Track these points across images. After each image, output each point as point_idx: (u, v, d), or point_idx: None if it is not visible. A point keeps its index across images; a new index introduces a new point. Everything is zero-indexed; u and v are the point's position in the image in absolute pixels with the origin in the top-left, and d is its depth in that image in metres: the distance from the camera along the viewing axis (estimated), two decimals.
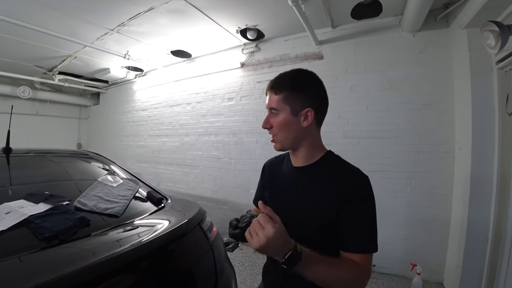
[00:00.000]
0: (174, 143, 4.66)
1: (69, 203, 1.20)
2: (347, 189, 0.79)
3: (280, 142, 0.88)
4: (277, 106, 0.84)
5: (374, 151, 2.92)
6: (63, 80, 5.05)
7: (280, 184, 0.97)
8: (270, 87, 0.87)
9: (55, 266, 0.82)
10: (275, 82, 0.87)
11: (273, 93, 0.86)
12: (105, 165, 1.89)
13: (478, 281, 2.25)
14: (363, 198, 0.78)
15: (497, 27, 1.58)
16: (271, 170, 1.06)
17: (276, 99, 0.85)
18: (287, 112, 0.84)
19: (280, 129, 0.86)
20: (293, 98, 0.84)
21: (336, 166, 0.86)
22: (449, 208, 2.61)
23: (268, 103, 0.87)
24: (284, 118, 0.84)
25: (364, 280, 0.75)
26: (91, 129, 6.72)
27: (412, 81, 2.77)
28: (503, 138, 2.14)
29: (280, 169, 1.01)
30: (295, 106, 0.84)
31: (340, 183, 0.80)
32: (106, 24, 3.12)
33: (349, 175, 0.83)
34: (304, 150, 0.89)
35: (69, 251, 0.95)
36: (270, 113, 0.88)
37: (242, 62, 3.80)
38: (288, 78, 0.87)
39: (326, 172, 0.85)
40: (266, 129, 0.89)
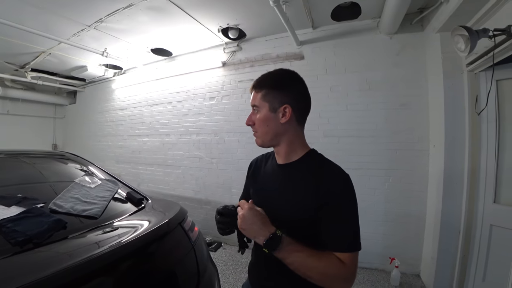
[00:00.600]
0: (155, 143, 4.57)
1: (44, 205, 1.15)
2: (327, 187, 0.80)
3: (260, 137, 0.92)
4: (258, 103, 0.89)
5: (354, 150, 3.00)
6: (36, 77, 4.81)
7: (264, 181, 1.00)
8: (253, 85, 0.92)
9: (29, 270, 0.79)
10: (258, 81, 0.91)
11: (255, 91, 0.91)
12: (82, 166, 1.83)
13: (452, 272, 2.38)
14: (343, 197, 0.80)
15: (466, 32, 1.67)
16: (256, 167, 1.09)
17: (257, 97, 0.89)
18: (266, 108, 0.88)
19: (260, 125, 0.90)
20: (272, 95, 0.87)
21: (317, 164, 0.87)
22: (425, 203, 2.73)
23: (251, 101, 0.92)
24: (264, 115, 0.88)
25: (347, 279, 0.75)
26: (67, 129, 6.45)
27: (389, 82, 2.88)
28: (473, 136, 2.27)
29: (265, 166, 1.04)
30: (273, 103, 0.87)
31: (320, 182, 0.81)
32: (82, 20, 3.01)
33: (330, 173, 0.84)
34: (284, 147, 0.91)
35: (44, 255, 0.91)
36: (252, 110, 0.92)
37: (224, 61, 3.79)
38: (269, 77, 0.91)
39: (307, 170, 0.87)
40: (249, 126, 0.93)
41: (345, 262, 0.74)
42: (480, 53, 1.99)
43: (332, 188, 0.79)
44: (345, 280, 0.75)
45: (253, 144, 0.93)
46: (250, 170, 1.12)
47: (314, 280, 0.75)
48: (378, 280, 2.72)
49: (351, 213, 0.79)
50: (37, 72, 4.75)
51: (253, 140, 0.95)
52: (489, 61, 1.93)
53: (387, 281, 2.69)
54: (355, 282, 2.67)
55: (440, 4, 2.27)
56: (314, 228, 0.80)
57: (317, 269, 0.73)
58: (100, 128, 5.53)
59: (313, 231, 0.80)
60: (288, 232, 0.78)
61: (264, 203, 0.90)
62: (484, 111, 2.14)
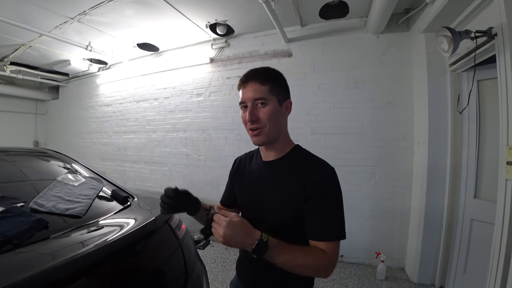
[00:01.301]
0: (141, 140, 4.49)
1: (24, 204, 1.11)
2: (313, 181, 0.81)
3: (267, 134, 0.85)
4: (266, 96, 0.83)
5: (340, 147, 3.04)
6: (16, 71, 4.63)
7: (250, 179, 0.98)
8: (253, 77, 0.85)
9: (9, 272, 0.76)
10: (257, 74, 0.86)
11: (258, 83, 0.83)
12: (65, 164, 1.77)
13: (435, 265, 2.48)
14: (327, 188, 0.81)
15: (450, 32, 1.71)
16: (240, 167, 1.07)
17: (263, 90, 0.83)
18: (275, 102, 0.84)
19: (270, 120, 0.83)
20: (278, 89, 0.86)
21: (303, 159, 0.89)
22: (409, 199, 2.81)
23: (252, 94, 0.83)
24: (273, 108, 0.84)
25: (328, 267, 0.78)
26: (49, 125, 6.24)
27: (376, 80, 2.93)
28: (455, 134, 2.35)
29: (250, 165, 1.02)
30: (280, 97, 0.86)
31: (306, 175, 0.83)
32: (65, 12, 2.90)
33: (315, 167, 0.85)
34: (279, 143, 0.91)
35: (26, 256, 0.88)
36: (253, 104, 0.84)
37: (212, 58, 3.75)
38: (268, 71, 0.88)
39: (293, 165, 0.87)
40: (251, 122, 0.84)
41: (327, 252, 0.77)
42: (462, 53, 2.05)
43: (317, 180, 0.81)
44: (326, 268, 0.78)
45: (240, 141, 0.92)
46: (233, 169, 1.10)
47: (301, 273, 0.78)
48: (365, 275, 2.77)
49: (334, 204, 0.81)
50: (17, 66, 4.57)
51: (241, 137, 0.94)
52: (470, 61, 1.99)
53: (373, 275, 2.75)
54: (342, 277, 2.73)
55: (425, 5, 2.33)
56: (302, 221, 0.82)
57: (303, 265, 0.76)
58: (85, 125, 5.38)
59: (301, 224, 0.83)
60: (278, 226, 0.82)
61: (252, 200, 0.93)
62: (465, 110, 2.22)
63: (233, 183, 1.08)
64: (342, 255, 3.05)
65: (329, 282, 2.64)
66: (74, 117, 5.58)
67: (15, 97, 5.64)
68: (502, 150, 1.51)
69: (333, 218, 0.80)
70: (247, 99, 0.84)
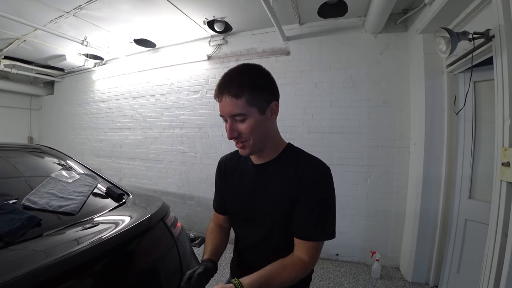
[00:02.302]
0: (137, 137, 4.46)
1: (17, 201, 1.09)
2: (306, 177, 0.80)
3: (250, 146, 0.81)
4: (244, 111, 0.76)
5: (337, 146, 3.05)
6: (9, 66, 4.56)
7: (241, 183, 0.95)
8: (226, 91, 0.76)
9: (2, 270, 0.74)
10: (231, 85, 0.76)
11: (232, 98, 0.75)
12: (60, 160, 1.75)
13: (429, 264, 2.50)
14: (319, 186, 0.80)
15: (448, 33, 1.71)
16: (228, 168, 1.03)
17: (240, 104, 0.75)
18: (256, 113, 0.78)
19: (252, 133, 0.78)
20: (258, 97, 0.77)
21: (297, 159, 0.86)
22: (405, 198, 2.82)
23: (228, 109, 0.76)
24: (254, 121, 0.77)
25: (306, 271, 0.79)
26: (44, 121, 6.16)
27: (373, 80, 2.93)
28: (451, 134, 2.36)
29: (238, 166, 0.98)
30: (261, 105, 0.78)
31: (299, 173, 0.81)
32: (60, 6, 2.85)
33: (308, 164, 0.83)
34: (269, 147, 0.87)
35: (17, 254, 0.86)
36: (232, 120, 0.78)
37: (209, 55, 3.73)
38: (243, 78, 0.78)
39: (287, 165, 0.85)
40: (233, 138, 0.80)
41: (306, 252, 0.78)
42: (459, 55, 2.06)
43: (311, 178, 0.80)
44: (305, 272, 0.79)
45: None
46: (221, 171, 1.05)
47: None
48: (360, 273, 2.79)
49: (325, 204, 0.80)
50: (11, 60, 4.50)
51: None
52: (467, 63, 1.99)
53: (368, 274, 2.77)
54: (338, 276, 2.74)
55: (424, 6, 2.33)
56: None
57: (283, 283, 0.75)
58: (80, 121, 5.32)
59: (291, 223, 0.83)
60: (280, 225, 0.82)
61: (245, 203, 0.91)
62: (462, 111, 2.23)
63: (223, 187, 1.03)
64: (337, 254, 3.07)
65: (324, 281, 2.65)
66: (69, 113, 5.51)
67: (9, 92, 5.55)
68: (497, 151, 1.52)
69: (319, 218, 0.79)
70: (225, 114, 0.79)
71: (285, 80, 3.22)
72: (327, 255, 3.10)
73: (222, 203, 1.05)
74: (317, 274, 2.76)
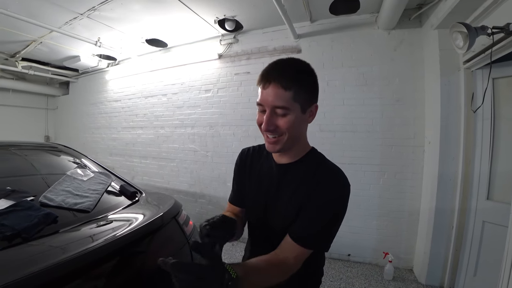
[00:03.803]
0: (149, 136, 4.52)
1: (34, 198, 1.12)
2: (324, 187, 0.77)
3: (284, 143, 0.77)
4: (288, 105, 0.71)
5: (349, 145, 3.00)
6: (27, 67, 4.70)
7: (260, 180, 0.92)
8: (276, 79, 0.71)
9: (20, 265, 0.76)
10: (284, 73, 0.72)
11: (280, 88, 0.70)
12: (75, 159, 1.79)
13: (444, 266, 2.43)
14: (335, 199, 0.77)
15: (465, 28, 1.65)
16: (248, 161, 1.00)
17: (286, 97, 0.70)
18: (298, 110, 0.74)
19: (290, 130, 0.74)
20: (303, 95, 0.74)
21: (317, 165, 0.83)
22: (419, 198, 2.75)
23: (273, 99, 0.71)
24: (295, 118, 0.73)
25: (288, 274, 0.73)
26: (59, 120, 6.34)
27: (386, 77, 2.87)
28: (467, 133, 2.28)
29: (259, 163, 0.96)
30: (304, 104, 0.75)
31: (317, 181, 0.78)
32: (75, 8, 2.92)
33: (327, 175, 0.80)
34: (296, 147, 0.84)
35: (36, 249, 0.88)
36: (271, 111, 0.73)
37: (220, 54, 3.74)
38: (296, 70, 0.75)
39: (306, 171, 0.83)
40: (269, 130, 0.75)
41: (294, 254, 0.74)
42: (477, 50, 1.99)
43: (327, 188, 0.77)
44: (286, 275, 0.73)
45: (248, 137, 0.88)
46: (241, 162, 1.02)
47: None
48: (372, 275, 2.75)
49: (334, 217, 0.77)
50: (28, 62, 4.64)
51: (248, 133, 0.90)
52: (486, 59, 1.93)
53: (380, 275, 2.72)
54: (349, 276, 2.71)
55: (439, 1, 2.26)
56: None
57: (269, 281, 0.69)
58: (94, 120, 5.44)
59: None
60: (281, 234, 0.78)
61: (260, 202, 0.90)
62: (480, 108, 2.16)
63: (242, 179, 1.00)
64: (349, 254, 3.03)
65: (335, 281, 2.62)
66: (83, 112, 5.65)
67: (27, 92, 5.75)
68: None
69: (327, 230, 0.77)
70: (266, 104, 0.73)
71: None
72: (339, 255, 3.06)
73: (238, 194, 1.02)
74: (328, 274, 2.73)
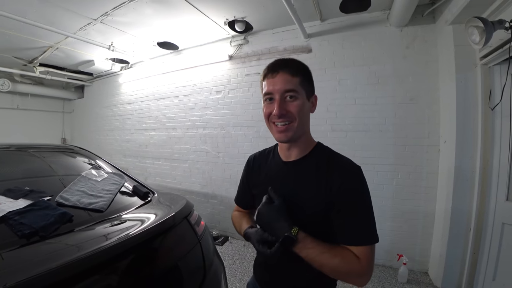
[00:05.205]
0: (161, 137, 4.59)
1: (51, 198, 1.16)
2: (340, 182, 0.77)
3: (295, 130, 0.79)
4: (297, 89, 0.78)
5: (362, 145, 2.96)
6: (44, 72, 4.85)
7: (269, 181, 0.91)
8: (284, 67, 0.78)
9: (38, 262, 0.79)
10: (288, 64, 0.80)
11: (289, 75, 0.77)
12: (90, 160, 1.84)
13: (461, 269, 2.34)
14: (357, 191, 0.77)
15: (482, 23, 1.60)
16: (256, 165, 1.02)
17: (295, 81, 0.77)
18: (304, 96, 0.80)
19: (299, 114, 0.78)
20: (307, 83, 0.82)
21: (327, 158, 0.84)
22: (434, 199, 2.68)
23: (282, 85, 0.77)
24: (303, 103, 0.79)
25: (362, 274, 0.73)
26: (75, 123, 6.52)
27: (399, 76, 2.81)
28: (485, 132, 2.21)
29: (266, 164, 0.98)
30: (308, 92, 0.82)
31: (331, 176, 0.78)
32: (89, 14, 3.00)
33: (341, 168, 0.80)
34: (302, 141, 0.86)
35: (52, 247, 0.91)
36: (281, 97, 0.78)
37: (230, 55, 3.76)
38: (298, 62, 0.83)
39: (317, 165, 0.83)
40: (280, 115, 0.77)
41: (360, 257, 0.73)
42: (495, 46, 1.93)
43: (345, 183, 0.76)
44: (359, 275, 0.73)
45: (259, 138, 0.89)
46: (249, 168, 1.05)
47: (328, 274, 0.75)
48: (385, 277, 2.69)
49: (365, 206, 0.77)
50: (45, 67, 4.79)
51: (259, 134, 0.91)
52: (504, 54, 1.87)
53: (394, 277, 2.66)
54: None
55: None
56: (327, 223, 0.79)
57: (329, 266, 0.73)
58: (108, 122, 5.57)
59: (326, 226, 0.79)
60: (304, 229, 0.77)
61: None
62: (498, 106, 2.08)
63: (250, 184, 1.03)
64: None
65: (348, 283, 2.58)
66: (98, 115, 5.79)
67: (44, 96, 5.95)
68: None
69: (364, 221, 0.77)
70: (276, 90, 0.77)
71: None
72: None
73: (243, 199, 1.08)
74: None
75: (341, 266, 0.72)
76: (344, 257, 0.73)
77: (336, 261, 0.72)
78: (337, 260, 0.72)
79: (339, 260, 0.72)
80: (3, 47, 3.90)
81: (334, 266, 0.72)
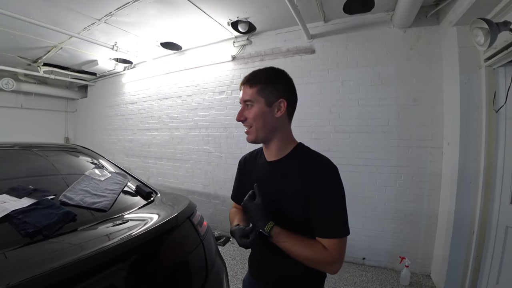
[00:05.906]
0: (164, 137, 4.60)
1: (55, 197, 1.16)
2: (316, 178, 0.84)
3: (254, 133, 0.92)
4: (252, 98, 0.89)
5: (365, 146, 2.95)
6: (48, 72, 4.88)
7: (256, 179, 0.99)
8: (245, 81, 0.92)
9: (41, 261, 0.79)
10: (250, 77, 0.92)
11: (247, 87, 0.91)
12: (93, 159, 1.84)
13: (464, 272, 2.32)
14: (329, 185, 0.84)
15: (486, 24, 1.59)
16: (247, 166, 1.12)
17: (250, 92, 0.90)
18: (262, 103, 0.89)
19: (255, 120, 0.90)
20: (267, 90, 0.89)
21: (306, 158, 0.91)
22: (437, 202, 2.67)
23: (243, 96, 0.92)
24: (259, 109, 0.89)
25: (330, 263, 0.82)
26: (78, 122, 6.56)
27: (402, 77, 2.80)
28: (490, 134, 2.19)
29: (255, 164, 1.07)
30: (269, 98, 0.89)
31: (309, 175, 0.86)
32: (93, 14, 3.01)
33: (317, 165, 0.88)
34: (276, 143, 0.94)
35: (55, 246, 0.91)
36: (244, 106, 0.92)
37: (233, 55, 3.76)
38: (261, 73, 0.93)
39: (297, 164, 0.90)
40: (240, 121, 0.93)
41: (329, 248, 0.81)
42: (499, 47, 1.91)
43: (319, 178, 0.84)
44: (328, 263, 0.82)
45: None
46: (241, 169, 1.16)
47: (304, 263, 0.84)
48: (387, 279, 2.68)
49: (337, 203, 0.84)
50: (49, 67, 4.82)
51: None
52: (509, 56, 1.86)
53: (396, 280, 2.65)
54: (364, 280, 2.65)
55: None
56: (308, 221, 0.86)
57: (302, 256, 0.83)
58: (111, 122, 5.59)
59: (307, 223, 0.86)
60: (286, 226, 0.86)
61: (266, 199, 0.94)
62: (502, 108, 2.07)
63: (243, 184, 1.12)
64: (364, 258, 2.97)
65: (350, 285, 2.57)
66: (101, 114, 5.81)
67: (48, 96, 5.99)
68: None
69: (334, 216, 0.83)
70: (240, 100, 0.93)
71: (310, 79, 3.15)
72: (353, 259, 3.00)
73: (237, 196, 1.20)
74: (342, 277, 2.69)
75: (312, 256, 0.82)
76: (314, 248, 0.82)
77: (307, 252, 0.82)
78: (307, 251, 0.82)
79: (309, 251, 0.82)
80: (7, 46, 3.92)
81: (306, 256, 0.82)
